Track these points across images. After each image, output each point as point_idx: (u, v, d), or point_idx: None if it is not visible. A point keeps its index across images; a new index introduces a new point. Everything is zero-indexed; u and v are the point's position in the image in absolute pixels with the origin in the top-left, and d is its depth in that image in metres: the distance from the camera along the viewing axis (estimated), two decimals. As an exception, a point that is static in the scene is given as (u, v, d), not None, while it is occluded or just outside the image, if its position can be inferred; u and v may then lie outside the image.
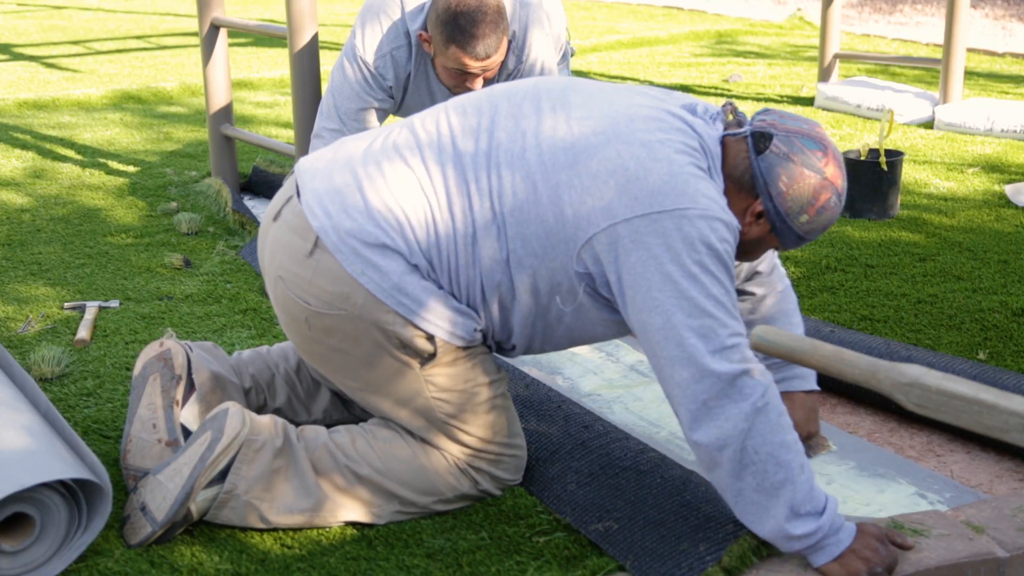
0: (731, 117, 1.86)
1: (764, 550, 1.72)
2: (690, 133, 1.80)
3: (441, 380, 1.88)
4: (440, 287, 1.84)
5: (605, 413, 2.34)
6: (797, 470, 1.67)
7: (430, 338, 1.84)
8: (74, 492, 1.75)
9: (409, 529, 1.87)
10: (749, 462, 1.66)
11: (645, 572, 1.70)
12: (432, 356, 1.85)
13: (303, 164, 1.95)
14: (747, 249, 1.89)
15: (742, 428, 1.66)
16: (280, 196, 1.97)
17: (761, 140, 1.80)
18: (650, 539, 1.76)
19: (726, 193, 1.82)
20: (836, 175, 1.81)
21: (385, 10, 3.11)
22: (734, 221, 1.75)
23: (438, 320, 1.83)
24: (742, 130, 1.82)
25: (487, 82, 3.00)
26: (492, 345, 1.95)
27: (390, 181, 1.83)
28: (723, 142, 1.83)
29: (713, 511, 1.78)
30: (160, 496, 1.82)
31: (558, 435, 2.11)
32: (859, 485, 2.03)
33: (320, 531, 1.87)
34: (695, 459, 2.13)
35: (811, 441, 2.09)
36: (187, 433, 1.99)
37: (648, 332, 1.72)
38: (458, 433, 1.92)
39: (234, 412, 1.85)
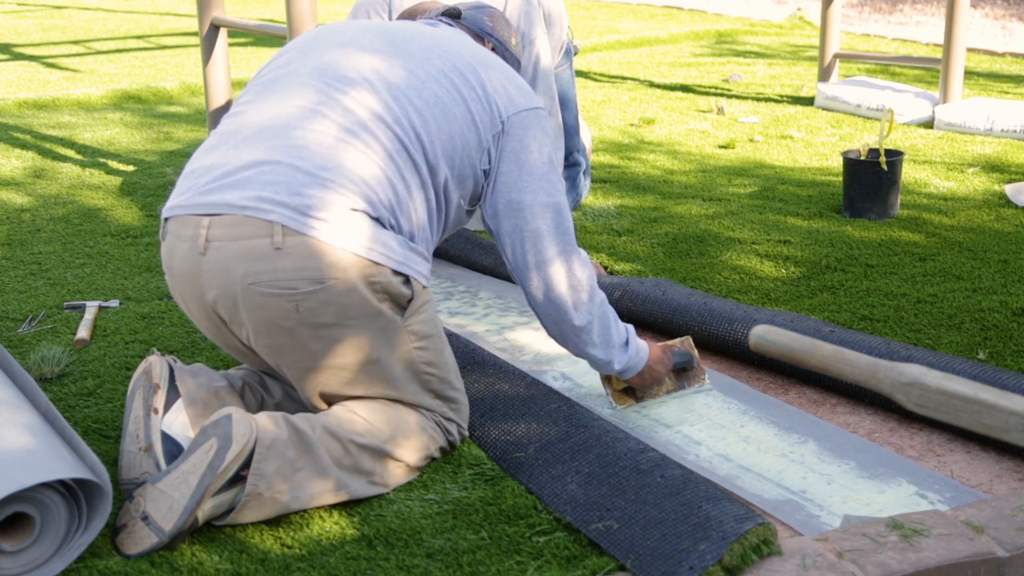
0: (434, 15, 2.36)
1: (764, 548, 1.72)
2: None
3: (419, 328, 2.01)
4: (400, 233, 1.98)
5: (605, 413, 2.34)
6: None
7: (407, 282, 1.97)
8: (74, 492, 1.75)
9: (409, 529, 1.87)
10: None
11: (646, 571, 1.70)
12: (410, 302, 1.99)
13: (179, 203, 1.97)
14: None
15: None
16: (185, 239, 1.94)
17: (452, 14, 2.36)
18: (650, 538, 1.76)
19: None
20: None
21: (374, 6, 3.11)
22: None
23: (411, 263, 1.97)
24: (445, 19, 2.34)
25: None
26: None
27: (323, 149, 1.94)
28: None
29: (713, 511, 1.78)
30: (165, 506, 1.79)
31: (558, 435, 2.11)
32: (859, 485, 2.03)
33: (320, 531, 1.87)
34: (694, 457, 2.13)
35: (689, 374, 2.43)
36: (168, 441, 1.97)
37: (518, 207, 2.11)
38: (434, 381, 2.05)
39: (239, 418, 1.82)
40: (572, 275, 2.13)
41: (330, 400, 2.04)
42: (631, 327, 2.27)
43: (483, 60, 2.15)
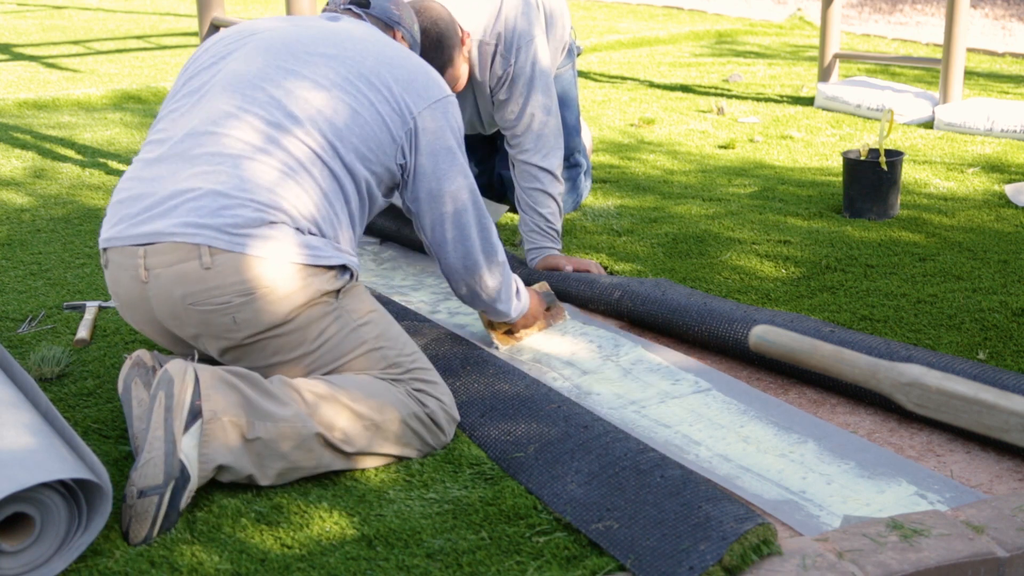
0: (339, 10, 2.41)
1: (764, 548, 1.72)
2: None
3: (357, 306, 2.13)
4: (323, 236, 2.10)
5: (605, 413, 2.34)
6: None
7: (338, 273, 2.10)
8: (74, 492, 1.75)
9: (409, 529, 1.87)
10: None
11: (645, 571, 1.70)
12: (344, 285, 2.11)
13: (114, 234, 2.08)
14: None
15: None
16: (126, 268, 2.06)
17: (359, 5, 2.41)
18: (650, 538, 1.76)
19: None
20: None
21: None
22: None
23: (339, 254, 2.10)
24: (355, 10, 2.39)
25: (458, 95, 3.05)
26: None
27: (241, 171, 2.04)
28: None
29: (713, 511, 1.78)
30: (150, 471, 1.83)
31: (558, 435, 2.11)
32: (859, 485, 2.03)
33: (320, 531, 1.87)
34: (694, 457, 2.13)
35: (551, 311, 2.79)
36: None
37: (439, 195, 2.28)
38: (388, 352, 2.13)
39: (173, 363, 1.91)
40: (487, 243, 2.37)
41: None
42: (516, 276, 2.56)
43: (387, 58, 2.25)
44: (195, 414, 1.87)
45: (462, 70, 2.93)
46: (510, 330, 2.68)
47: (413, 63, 2.29)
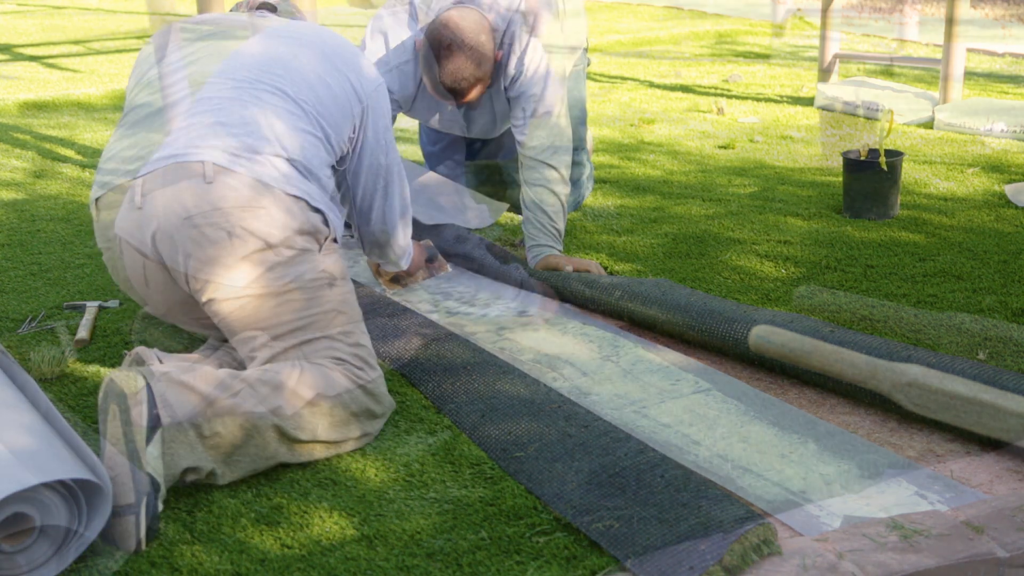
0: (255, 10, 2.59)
1: (764, 548, 1.72)
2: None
3: (332, 268, 2.22)
4: (319, 185, 2.25)
5: (605, 413, 2.34)
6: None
7: (325, 221, 2.24)
8: (74, 492, 1.75)
9: (409, 529, 1.87)
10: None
11: (646, 571, 1.70)
12: (326, 238, 2.23)
13: (110, 179, 2.18)
14: None
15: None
16: (118, 205, 2.13)
17: (267, 7, 2.60)
18: (650, 538, 1.76)
19: None
20: None
21: (393, 25, 3.13)
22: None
23: (327, 205, 2.24)
24: (262, 11, 2.56)
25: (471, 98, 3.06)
26: None
27: (245, 113, 2.20)
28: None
29: (713, 511, 1.78)
30: (119, 489, 1.81)
31: (558, 435, 2.11)
32: (859, 485, 2.03)
33: (320, 531, 1.87)
34: (694, 457, 2.13)
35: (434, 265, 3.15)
36: None
37: (377, 167, 2.52)
38: (345, 319, 2.20)
39: (115, 373, 1.89)
40: (405, 207, 2.65)
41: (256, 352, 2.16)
42: None
43: (336, 44, 2.45)
44: (154, 425, 1.86)
45: (490, 77, 3.00)
46: (395, 277, 3.04)
47: (354, 49, 2.51)
